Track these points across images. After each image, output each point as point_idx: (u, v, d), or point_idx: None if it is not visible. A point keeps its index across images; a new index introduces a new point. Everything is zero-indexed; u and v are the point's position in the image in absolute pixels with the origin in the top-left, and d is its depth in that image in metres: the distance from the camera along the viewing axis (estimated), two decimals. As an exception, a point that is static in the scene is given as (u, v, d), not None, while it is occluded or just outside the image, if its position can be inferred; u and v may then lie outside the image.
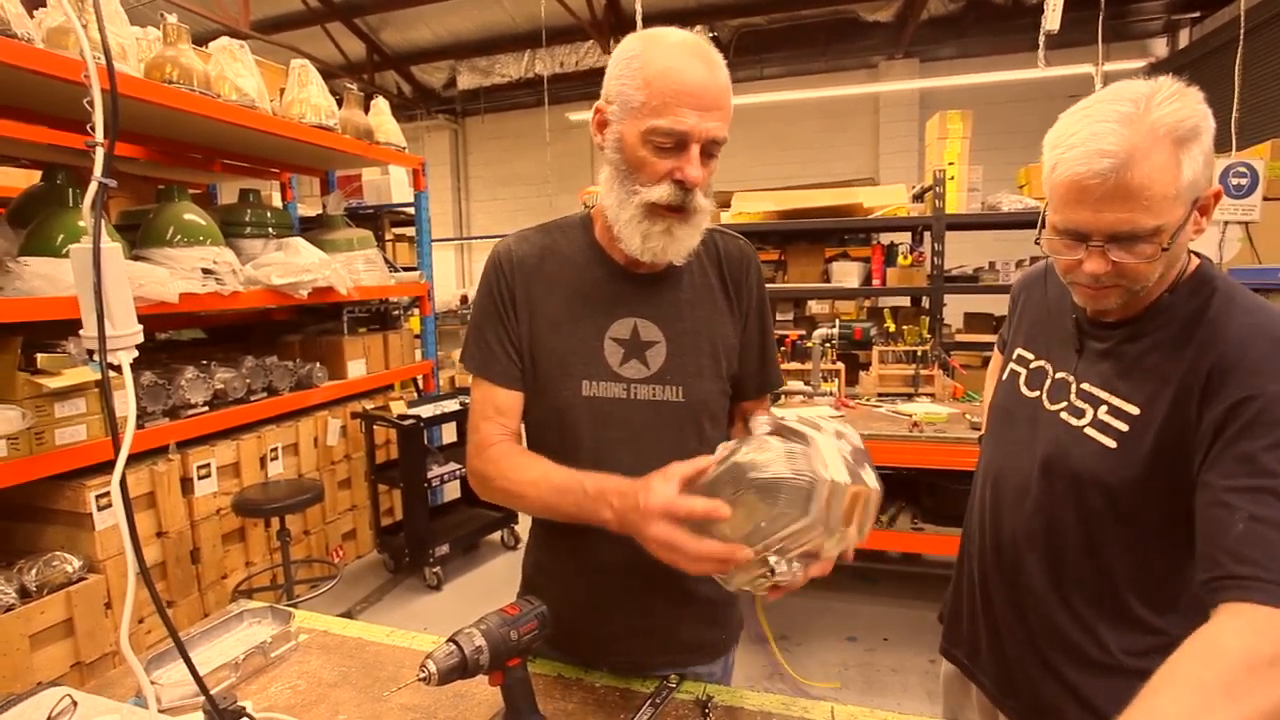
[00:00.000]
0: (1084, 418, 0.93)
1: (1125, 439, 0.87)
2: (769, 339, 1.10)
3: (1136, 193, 0.76)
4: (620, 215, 0.92)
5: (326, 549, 3.44)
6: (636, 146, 0.87)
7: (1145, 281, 0.83)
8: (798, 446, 0.75)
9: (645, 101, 0.85)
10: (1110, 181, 0.77)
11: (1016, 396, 1.05)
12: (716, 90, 0.86)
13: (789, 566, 0.75)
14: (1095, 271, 0.82)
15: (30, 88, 2.20)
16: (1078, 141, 0.79)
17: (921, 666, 2.59)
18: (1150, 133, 0.76)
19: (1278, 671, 0.63)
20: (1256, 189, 3.09)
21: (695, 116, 0.84)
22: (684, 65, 0.85)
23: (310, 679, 1.03)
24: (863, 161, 8.46)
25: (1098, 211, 0.79)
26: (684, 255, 0.94)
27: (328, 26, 7.87)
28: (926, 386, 3.06)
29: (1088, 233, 0.81)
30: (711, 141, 0.87)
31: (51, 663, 2.10)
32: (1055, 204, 0.84)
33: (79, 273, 0.72)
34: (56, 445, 2.17)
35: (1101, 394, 0.92)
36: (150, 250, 2.62)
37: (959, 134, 3.50)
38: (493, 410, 1.00)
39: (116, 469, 0.69)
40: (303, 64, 3.27)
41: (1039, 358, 1.04)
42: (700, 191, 0.89)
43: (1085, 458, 0.91)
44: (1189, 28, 7.08)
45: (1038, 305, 1.09)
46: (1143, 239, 0.79)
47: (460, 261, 10.83)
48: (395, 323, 4.11)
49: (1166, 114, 0.76)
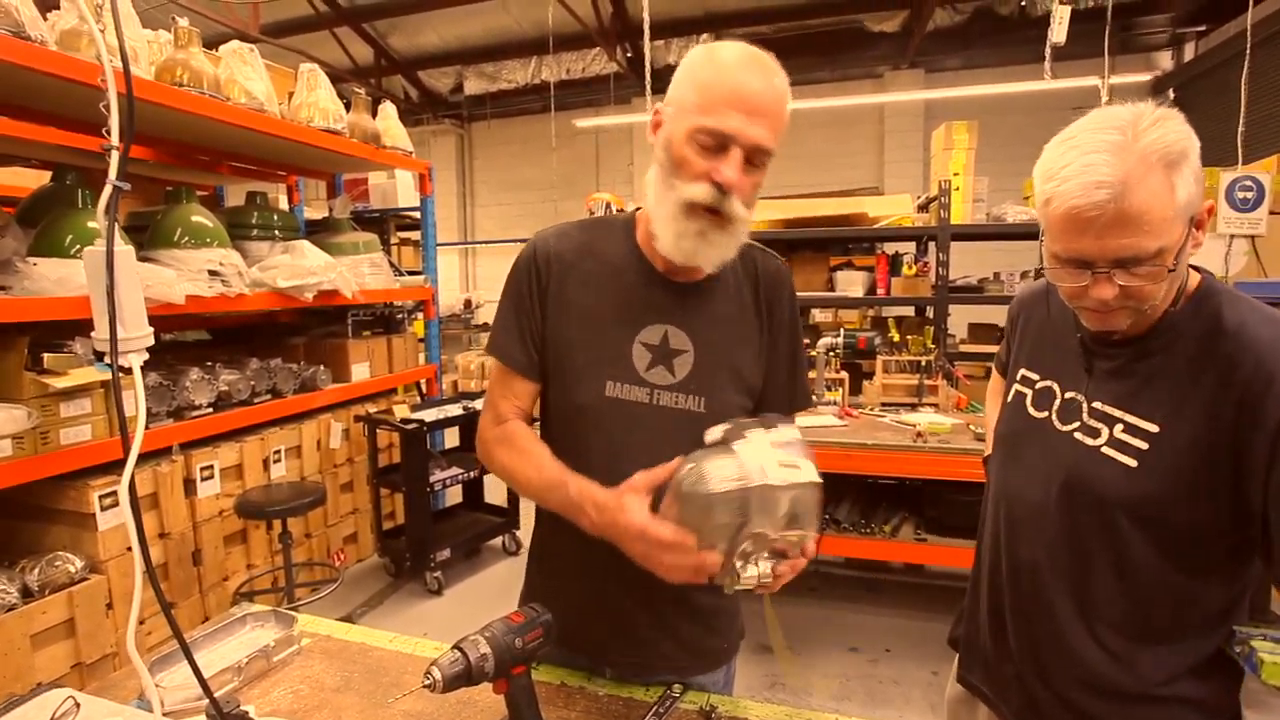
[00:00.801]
0: (1099, 437, 0.92)
1: (1146, 456, 0.87)
2: (799, 359, 1.09)
3: (1136, 219, 0.77)
4: (658, 212, 0.92)
5: (328, 552, 3.44)
6: (681, 144, 0.88)
7: (1153, 300, 0.83)
8: (728, 459, 0.77)
9: (696, 101, 0.87)
10: (1109, 211, 0.77)
11: (1024, 418, 1.04)
12: (767, 98, 0.86)
13: (756, 569, 0.78)
14: (1104, 297, 0.82)
15: (42, 89, 2.22)
16: (1071, 174, 0.80)
17: (924, 678, 2.57)
18: (1142, 160, 0.77)
19: None
20: (1263, 203, 3.09)
21: (740, 120, 0.84)
22: (737, 70, 0.86)
23: (313, 684, 1.03)
24: (867, 171, 8.48)
25: (1100, 240, 0.80)
26: (717, 263, 0.94)
27: (336, 31, 7.93)
28: (930, 397, 3.05)
29: (1092, 260, 0.82)
30: (756, 149, 0.86)
31: (52, 663, 2.10)
32: (1055, 235, 0.84)
33: (92, 275, 0.72)
34: (61, 445, 2.18)
35: (1116, 412, 0.90)
36: (157, 251, 2.64)
37: (964, 145, 3.51)
38: (508, 392, 1.03)
39: (126, 470, 0.69)
40: (311, 68, 3.29)
41: (1045, 378, 1.03)
42: (739, 200, 0.88)
43: (1107, 479, 0.89)
44: (1194, 41, 7.10)
45: (1040, 325, 1.08)
46: (1147, 261, 0.79)
47: (464, 266, 10.86)
48: (399, 326, 4.12)
49: (1154, 139, 0.77)
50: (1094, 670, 0.93)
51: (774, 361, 1.05)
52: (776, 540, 0.77)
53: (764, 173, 0.90)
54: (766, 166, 0.90)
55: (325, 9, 7.45)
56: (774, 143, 0.87)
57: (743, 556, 0.78)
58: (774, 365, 1.05)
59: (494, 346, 1.04)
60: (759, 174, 0.90)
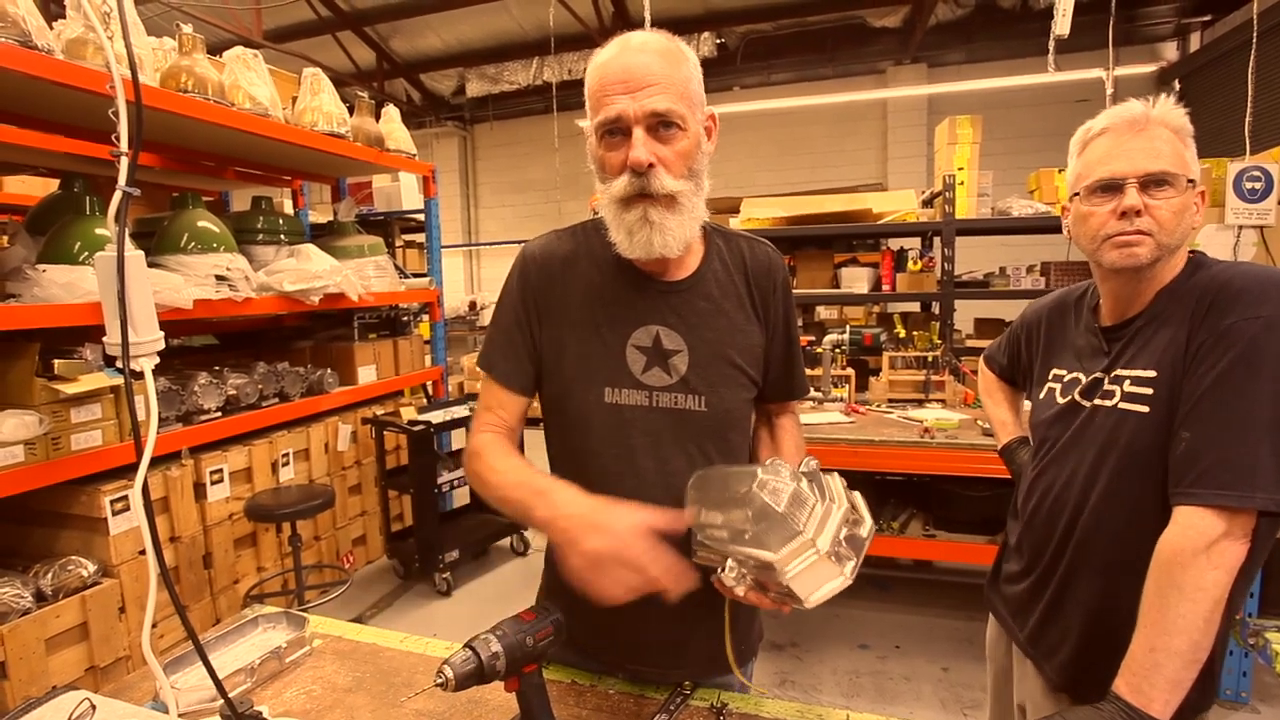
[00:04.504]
0: (1114, 398, 1.01)
1: (1154, 401, 0.95)
2: (795, 347, 1.09)
3: (1160, 143, 0.94)
4: (608, 221, 0.93)
5: (337, 554, 3.46)
6: (595, 148, 0.92)
7: (1171, 232, 0.94)
8: (811, 499, 0.78)
9: (590, 106, 0.90)
10: (1140, 126, 0.95)
11: (1054, 406, 1.12)
12: (645, 65, 0.86)
13: (735, 578, 0.80)
14: (1132, 205, 0.94)
15: (50, 98, 2.23)
16: (1104, 119, 0.99)
17: (934, 674, 2.57)
18: (1161, 118, 0.96)
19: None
20: (1271, 193, 3.06)
21: (624, 99, 0.86)
22: (609, 60, 0.89)
23: (325, 684, 1.04)
24: (871, 167, 8.44)
25: (1131, 158, 0.95)
26: (676, 245, 0.91)
27: (338, 35, 7.95)
28: (937, 392, 3.04)
29: (1122, 178, 0.95)
30: (653, 115, 0.86)
31: (66, 666, 2.12)
32: (1091, 163, 0.99)
33: (103, 280, 0.73)
34: (73, 450, 2.20)
35: (1124, 372, 1.01)
36: (165, 257, 2.65)
37: (968, 139, 3.49)
38: (494, 403, 1.03)
39: (140, 472, 0.70)
40: (315, 72, 3.31)
41: (1071, 371, 1.11)
42: (666, 173, 0.87)
43: (1131, 431, 0.97)
44: (1199, 31, 7.04)
45: (1061, 329, 1.18)
46: (1169, 183, 0.93)
47: (469, 268, 10.88)
48: (405, 329, 4.13)
49: (1169, 111, 0.96)
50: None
51: (771, 350, 1.05)
52: (775, 582, 0.76)
53: (689, 137, 0.89)
54: (690, 129, 0.88)
55: (327, 13, 7.47)
56: (675, 102, 0.86)
57: (740, 562, 0.79)
58: (772, 354, 1.05)
59: (482, 358, 1.05)
60: (681, 139, 0.88)
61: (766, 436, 1.13)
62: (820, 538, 0.74)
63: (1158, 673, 0.81)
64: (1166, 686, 0.81)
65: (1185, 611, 0.82)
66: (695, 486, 0.88)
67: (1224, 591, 0.83)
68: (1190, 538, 0.84)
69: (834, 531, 0.75)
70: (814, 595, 0.75)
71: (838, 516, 0.77)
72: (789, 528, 0.75)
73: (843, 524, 0.77)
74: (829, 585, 0.75)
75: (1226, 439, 0.86)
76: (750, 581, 0.80)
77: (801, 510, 0.76)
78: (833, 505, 0.78)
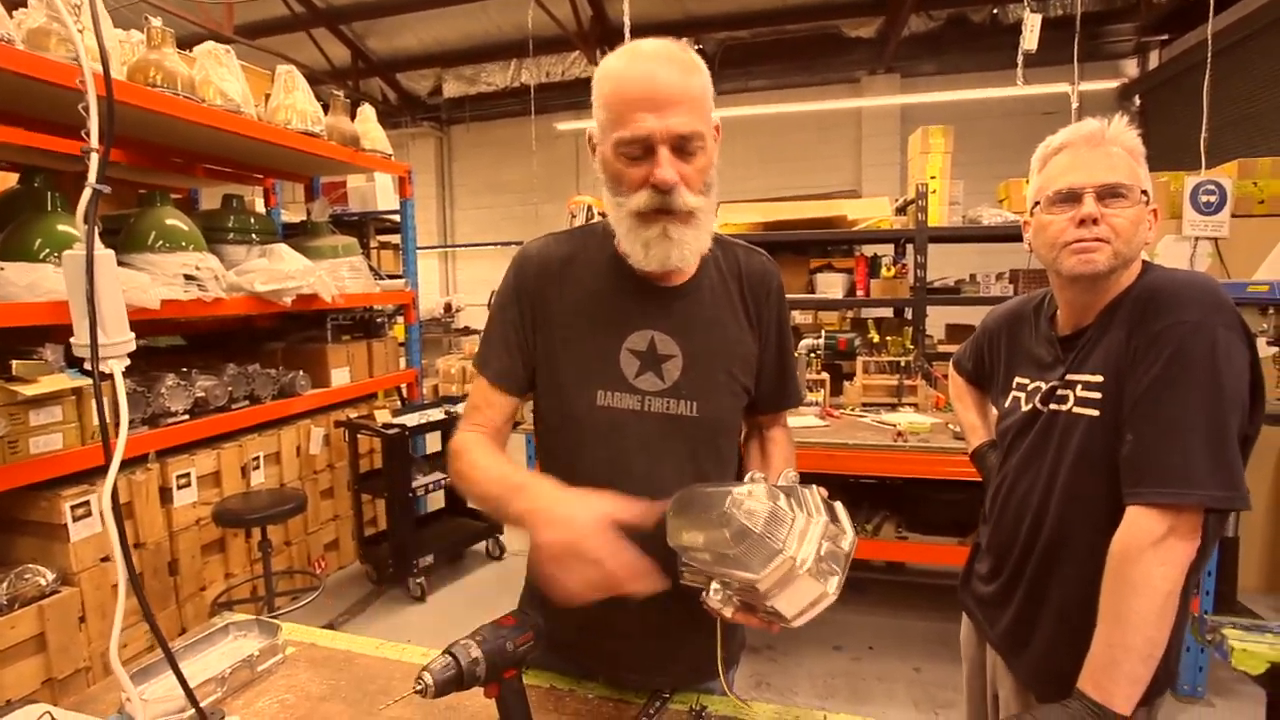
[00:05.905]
0: (1068, 403, 1.05)
1: (1103, 404, 1.00)
2: (788, 356, 1.10)
3: (1115, 158, 1.00)
4: (619, 230, 0.93)
5: (308, 560, 3.39)
6: (612, 161, 0.89)
7: (1127, 241, 0.99)
8: (789, 514, 0.77)
9: (608, 118, 0.87)
10: (1096, 141, 1.01)
11: (1017, 414, 1.16)
12: (668, 87, 0.84)
13: (721, 600, 0.79)
14: (1090, 213, 0.98)
15: (10, 89, 2.16)
16: (1062, 135, 1.05)
17: (907, 675, 2.61)
18: (1116, 137, 1.02)
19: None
20: (1225, 206, 3.19)
21: (652, 119, 0.84)
22: (631, 72, 0.86)
23: (299, 693, 1.02)
24: (847, 173, 8.57)
25: (1089, 170, 1.00)
26: (692, 258, 0.93)
27: (313, 32, 7.83)
28: (910, 396, 3.10)
29: (1080, 188, 1.00)
30: (680, 138, 0.85)
31: (21, 680, 2.04)
32: (1051, 176, 1.04)
33: (72, 280, 0.71)
34: (31, 454, 2.12)
35: (1075, 377, 1.05)
36: (132, 256, 2.58)
37: (940, 149, 3.57)
38: (483, 403, 1.02)
39: (109, 478, 0.68)
40: (289, 69, 3.25)
41: (1033, 381, 1.15)
42: (687, 190, 0.87)
43: (1084, 434, 1.01)
44: (1159, 49, 7.30)
45: (1022, 339, 1.22)
46: (1124, 194, 0.98)
47: (444, 269, 10.78)
48: (379, 331, 4.08)
49: (1123, 131, 1.02)
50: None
51: (764, 359, 1.06)
52: (760, 600, 0.76)
53: (707, 153, 0.89)
54: (708, 146, 0.89)
55: (301, 10, 7.35)
56: (699, 124, 0.86)
57: (724, 584, 0.79)
58: (764, 363, 1.06)
59: (477, 357, 1.05)
60: (700, 156, 0.88)
61: (757, 451, 1.13)
62: (801, 554, 0.73)
63: (1117, 669, 0.85)
64: (1126, 682, 0.84)
65: (1138, 607, 0.86)
66: (675, 508, 0.86)
67: (1175, 586, 0.86)
68: (1139, 536, 0.88)
69: (815, 547, 0.74)
70: (799, 614, 0.75)
71: (818, 530, 0.76)
72: (769, 547, 0.74)
73: (823, 537, 0.76)
74: (813, 602, 0.74)
75: (1163, 439, 0.90)
76: (737, 602, 0.80)
77: (780, 528, 0.75)
78: (812, 519, 0.77)
